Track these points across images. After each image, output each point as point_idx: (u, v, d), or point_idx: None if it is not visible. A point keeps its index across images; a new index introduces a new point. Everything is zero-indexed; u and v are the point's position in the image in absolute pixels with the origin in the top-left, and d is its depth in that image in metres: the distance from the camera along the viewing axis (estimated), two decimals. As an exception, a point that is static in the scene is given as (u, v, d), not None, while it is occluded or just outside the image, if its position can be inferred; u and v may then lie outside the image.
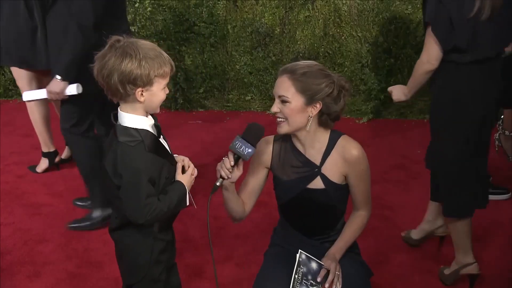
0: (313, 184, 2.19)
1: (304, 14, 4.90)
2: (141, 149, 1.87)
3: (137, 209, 1.87)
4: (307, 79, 2.07)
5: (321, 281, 2.09)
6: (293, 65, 2.12)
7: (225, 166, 2.03)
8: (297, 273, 2.06)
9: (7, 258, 3.08)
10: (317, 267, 2.13)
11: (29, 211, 3.52)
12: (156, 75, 1.86)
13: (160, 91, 1.90)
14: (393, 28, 4.79)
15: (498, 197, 3.63)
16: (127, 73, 1.81)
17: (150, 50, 1.86)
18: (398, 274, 2.94)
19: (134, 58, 1.82)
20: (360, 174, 2.19)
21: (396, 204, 3.59)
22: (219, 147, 4.29)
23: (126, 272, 2.10)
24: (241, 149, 2.01)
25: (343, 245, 2.22)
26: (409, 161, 4.15)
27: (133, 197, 1.87)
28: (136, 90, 1.85)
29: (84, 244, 3.21)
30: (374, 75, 4.84)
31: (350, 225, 2.27)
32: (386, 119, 4.93)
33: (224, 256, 3.07)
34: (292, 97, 2.07)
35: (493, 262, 3.02)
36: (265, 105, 5.09)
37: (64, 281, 2.91)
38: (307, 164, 2.19)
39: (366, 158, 2.20)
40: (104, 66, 1.84)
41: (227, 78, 5.13)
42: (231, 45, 5.05)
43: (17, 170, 4.02)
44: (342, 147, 2.18)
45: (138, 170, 1.85)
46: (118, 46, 1.84)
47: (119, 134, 1.89)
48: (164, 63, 1.87)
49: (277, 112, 2.12)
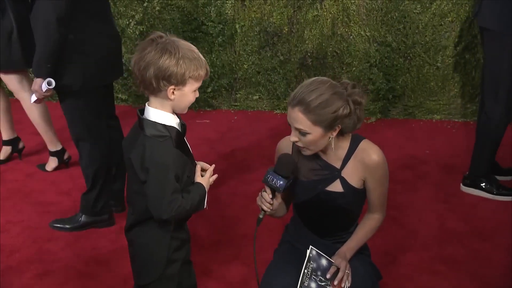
0: (332, 187, 2.18)
1: (312, 14, 4.89)
2: (169, 144, 1.90)
3: (163, 204, 1.88)
4: (322, 110, 2.00)
5: (330, 278, 2.10)
6: (304, 95, 2.01)
7: (266, 200, 2.07)
8: (307, 268, 2.06)
9: (16, 256, 3.10)
10: (327, 264, 2.13)
11: (38, 210, 3.54)
12: (191, 76, 1.88)
13: (191, 93, 1.93)
14: (402, 27, 4.77)
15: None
16: (164, 69, 1.85)
17: (189, 51, 1.89)
18: (405, 274, 2.93)
19: (173, 56, 1.85)
20: (379, 179, 2.18)
21: (404, 204, 3.58)
22: (226, 146, 4.30)
23: (141, 272, 2.09)
24: (273, 182, 2.05)
25: (355, 245, 2.22)
26: (417, 161, 4.14)
27: (159, 192, 1.88)
28: (169, 87, 1.88)
29: (92, 242, 3.22)
30: (382, 75, 4.83)
31: (363, 226, 2.27)
32: (394, 119, 4.92)
33: (231, 256, 3.08)
34: (310, 129, 2.03)
35: (501, 262, 3.02)
36: (273, 104, 5.09)
37: (72, 280, 2.92)
38: (326, 168, 2.18)
39: (386, 163, 2.18)
40: (142, 58, 1.87)
41: (235, 78, 5.13)
42: (239, 44, 5.06)
43: (26, 169, 4.04)
44: (363, 152, 2.16)
45: (166, 166, 1.87)
46: (160, 42, 1.88)
47: (146, 127, 1.91)
48: (200, 66, 1.90)
49: (296, 141, 2.10)
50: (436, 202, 3.60)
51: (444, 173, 3.94)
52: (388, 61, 4.83)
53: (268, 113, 5.06)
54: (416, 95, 4.90)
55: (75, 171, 3.98)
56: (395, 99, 4.91)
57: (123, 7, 5.02)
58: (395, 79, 4.85)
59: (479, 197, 3.63)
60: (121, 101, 5.22)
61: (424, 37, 4.76)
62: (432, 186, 3.79)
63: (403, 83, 4.88)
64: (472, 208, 3.53)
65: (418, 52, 4.81)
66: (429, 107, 4.88)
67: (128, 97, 5.22)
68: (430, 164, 4.09)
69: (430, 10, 4.71)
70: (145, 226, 2.01)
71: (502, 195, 3.61)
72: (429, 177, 3.92)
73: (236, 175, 3.88)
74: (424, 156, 4.21)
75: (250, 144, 4.35)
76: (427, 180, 3.88)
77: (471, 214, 3.46)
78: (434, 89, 4.87)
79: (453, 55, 4.75)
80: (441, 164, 4.04)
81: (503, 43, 3.30)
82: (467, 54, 4.75)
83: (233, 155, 4.14)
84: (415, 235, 3.27)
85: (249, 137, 4.47)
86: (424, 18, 4.73)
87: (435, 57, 4.80)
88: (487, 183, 3.63)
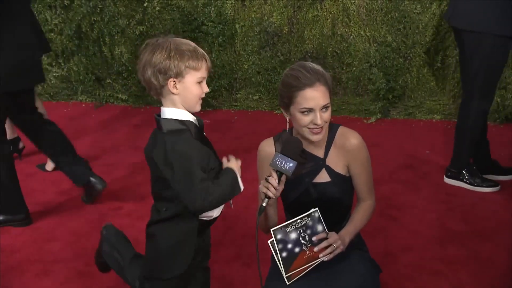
0: (319, 178, 2.20)
1: (312, 14, 4.89)
2: (189, 136, 1.92)
3: (195, 193, 1.89)
4: (330, 80, 2.14)
5: (314, 242, 2.08)
6: (315, 71, 2.12)
7: (272, 185, 2.02)
8: (301, 220, 2.05)
9: (16, 256, 3.10)
10: (321, 230, 2.11)
11: (38, 210, 3.54)
12: (188, 66, 1.90)
13: (193, 85, 1.94)
14: (402, 27, 4.78)
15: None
16: (157, 64, 1.88)
17: (183, 44, 1.93)
18: (406, 274, 2.93)
19: (165, 49, 1.89)
20: (361, 162, 2.21)
21: (405, 204, 3.58)
22: (227, 146, 4.29)
23: (161, 265, 2.08)
24: (282, 164, 2.01)
25: (353, 230, 2.22)
26: (417, 161, 4.14)
27: (188, 183, 1.89)
28: (169, 81, 1.89)
29: (93, 242, 3.21)
30: (382, 75, 4.83)
31: (358, 212, 2.29)
32: (395, 119, 4.92)
33: (232, 256, 3.08)
34: (329, 101, 2.12)
35: (502, 262, 3.01)
36: (273, 104, 5.08)
37: (73, 280, 2.92)
38: (311, 159, 2.20)
39: (365, 146, 2.22)
40: (140, 62, 1.92)
41: (235, 78, 5.13)
42: (239, 44, 5.06)
43: (26, 169, 4.04)
44: (342, 137, 2.20)
45: (189, 156, 1.88)
46: (152, 43, 1.92)
47: (164, 125, 1.93)
48: (196, 56, 1.92)
49: (325, 122, 2.12)
50: (437, 202, 3.60)
51: (444, 173, 3.94)
52: (388, 61, 4.83)
53: (268, 113, 5.06)
54: (416, 95, 4.90)
55: (75, 171, 3.98)
56: (395, 99, 4.90)
57: (123, 7, 5.02)
58: (395, 79, 4.85)
59: (479, 197, 3.64)
60: (121, 101, 5.22)
61: (424, 37, 4.76)
62: (432, 186, 3.79)
63: (403, 83, 4.88)
64: (472, 208, 3.53)
65: (418, 52, 4.81)
66: (429, 107, 4.88)
67: (128, 97, 5.22)
68: (430, 164, 4.09)
69: (430, 10, 4.71)
70: (171, 224, 2.02)
71: (482, 186, 3.70)
72: (429, 177, 3.92)
73: (237, 175, 3.88)
74: (424, 156, 4.21)
75: (250, 144, 4.34)
76: (428, 180, 3.88)
77: (472, 214, 3.46)
78: (434, 89, 4.87)
79: (453, 55, 4.75)
80: (441, 164, 4.04)
81: (476, 41, 3.42)
82: (467, 54, 4.75)
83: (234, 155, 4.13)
84: (416, 235, 3.27)
85: (249, 137, 4.47)
86: (424, 18, 4.73)
87: (435, 57, 4.80)
88: (468, 175, 3.72)
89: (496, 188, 3.69)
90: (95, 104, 5.23)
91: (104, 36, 5.10)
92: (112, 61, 5.16)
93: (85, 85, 5.24)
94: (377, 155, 4.07)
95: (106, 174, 3.97)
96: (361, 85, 4.98)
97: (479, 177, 3.73)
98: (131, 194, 3.69)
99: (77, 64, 5.21)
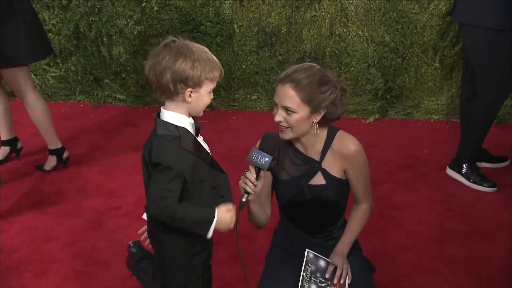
0: (314, 180, 2.20)
1: (310, 14, 4.89)
2: (176, 144, 1.91)
3: (152, 198, 1.91)
4: (312, 89, 2.06)
5: (329, 278, 2.10)
6: (295, 73, 2.08)
7: (250, 180, 2.03)
8: (305, 271, 2.06)
9: (14, 256, 3.09)
10: (325, 264, 2.13)
11: (36, 209, 3.53)
12: (207, 77, 1.91)
13: (206, 94, 1.95)
14: (400, 27, 4.78)
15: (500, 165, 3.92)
16: (180, 72, 1.87)
17: (203, 53, 1.92)
18: (405, 274, 2.93)
19: (189, 58, 1.88)
20: (359, 168, 2.20)
21: (403, 204, 3.58)
22: (225, 146, 4.29)
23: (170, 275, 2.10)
24: (258, 159, 2.02)
25: (350, 239, 2.24)
26: (416, 161, 4.14)
27: (153, 186, 1.90)
28: (186, 90, 1.90)
29: (91, 243, 3.21)
30: (380, 75, 4.83)
31: (354, 219, 2.29)
32: (393, 119, 4.92)
33: (229, 256, 3.07)
34: (297, 107, 2.07)
35: (501, 262, 3.02)
36: (271, 104, 5.08)
37: (71, 280, 2.91)
38: (307, 161, 2.20)
39: (363, 151, 2.21)
40: (157, 63, 1.89)
41: (233, 78, 5.13)
42: (237, 44, 5.05)
43: (24, 169, 4.03)
44: (340, 142, 2.19)
45: (167, 164, 1.88)
46: (173, 46, 1.91)
47: (158, 128, 1.94)
48: (215, 68, 1.93)
49: (281, 121, 2.11)
50: (436, 202, 3.60)
51: (443, 173, 3.94)
52: (386, 61, 4.83)
53: (267, 113, 5.06)
54: (414, 95, 4.91)
55: (74, 172, 3.97)
56: (393, 99, 4.91)
57: (121, 7, 5.01)
58: (393, 79, 4.85)
59: (479, 197, 3.64)
60: (120, 101, 5.21)
61: (422, 37, 4.77)
62: (431, 186, 3.80)
63: (401, 83, 4.88)
64: (471, 208, 3.53)
65: (416, 52, 4.81)
66: (427, 107, 4.88)
67: (127, 97, 5.21)
68: (429, 164, 4.09)
69: (428, 10, 4.71)
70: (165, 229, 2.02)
71: (477, 184, 3.72)
72: (428, 177, 3.92)
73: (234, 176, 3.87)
74: (423, 156, 4.21)
75: (249, 145, 4.32)
76: (427, 180, 3.88)
77: (471, 214, 3.47)
78: (433, 89, 4.87)
79: (451, 55, 4.76)
80: (440, 164, 4.04)
81: (479, 35, 3.47)
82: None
83: (232, 156, 4.13)
84: (415, 235, 3.27)
85: (247, 137, 4.46)
86: (422, 18, 4.73)
87: (433, 57, 4.81)
88: (467, 170, 3.76)
89: (493, 189, 3.69)
90: (93, 104, 5.22)
91: (102, 36, 5.09)
92: (110, 61, 5.15)
93: (83, 85, 5.23)
94: (375, 155, 4.07)
95: (104, 174, 3.97)
96: (359, 85, 4.98)
97: (479, 175, 3.74)
98: (129, 194, 3.69)
99: (75, 64, 5.20)
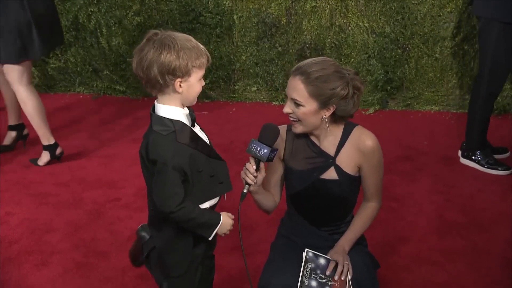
0: (326, 175, 2.18)
1: (310, 4, 4.87)
2: (171, 138, 1.90)
3: (163, 198, 1.90)
4: (322, 83, 2.04)
5: (330, 274, 2.09)
6: (307, 66, 2.07)
7: (249, 171, 2.04)
8: (305, 269, 2.06)
9: (14, 247, 3.10)
10: (325, 262, 2.12)
11: (36, 201, 3.54)
12: (194, 65, 1.89)
13: (197, 82, 1.94)
14: (400, 18, 4.76)
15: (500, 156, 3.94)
16: (167, 64, 1.85)
17: (187, 41, 1.90)
18: (404, 265, 2.94)
19: (173, 49, 1.86)
20: (374, 165, 2.18)
21: (403, 195, 3.58)
22: (225, 138, 4.29)
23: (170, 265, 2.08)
24: (257, 151, 2.02)
25: (353, 237, 2.22)
26: (415, 153, 4.14)
27: (160, 185, 1.90)
28: (175, 81, 1.88)
29: (91, 234, 3.22)
30: (380, 66, 4.82)
31: (360, 216, 2.27)
32: (393, 110, 4.91)
33: (230, 247, 3.08)
34: (305, 101, 2.06)
35: (500, 253, 3.03)
36: (271, 96, 5.07)
37: (71, 270, 2.92)
38: (321, 155, 2.18)
39: (380, 149, 2.19)
40: (143, 58, 1.88)
41: (233, 69, 5.12)
42: (237, 35, 5.04)
43: (24, 160, 4.03)
44: (357, 138, 2.16)
45: (165, 160, 1.87)
46: (156, 39, 1.89)
47: (153, 123, 1.93)
48: (201, 54, 1.91)
49: (290, 113, 2.11)
50: (435, 193, 3.61)
51: (442, 164, 3.95)
52: (387, 52, 4.82)
53: (266, 104, 5.05)
54: (414, 86, 4.90)
55: (73, 163, 3.98)
56: (393, 90, 4.90)
57: (120, -2, 5.00)
58: (393, 70, 4.84)
59: (478, 188, 3.65)
60: (120, 93, 5.20)
61: (422, 28, 4.75)
62: (431, 177, 3.80)
63: (402, 74, 4.87)
64: (470, 199, 3.54)
65: (416, 43, 4.80)
66: (427, 98, 4.87)
67: (126, 88, 5.20)
68: (428, 155, 4.09)
69: (428, 0, 4.69)
70: (164, 222, 2.01)
71: (491, 168, 3.79)
72: (428, 168, 3.92)
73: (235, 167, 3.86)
74: (422, 147, 4.21)
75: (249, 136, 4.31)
76: (426, 171, 3.88)
77: (470, 205, 3.47)
78: (433, 80, 4.86)
79: (451, 46, 4.75)
80: (439, 155, 4.04)
81: (492, 29, 3.58)
82: (466, 45, 4.74)
83: (232, 147, 4.13)
84: (414, 226, 3.28)
85: (247, 128, 4.46)
86: (423, 8, 4.71)
87: (433, 48, 4.79)
88: (480, 156, 3.83)
89: (508, 172, 3.78)
90: (92, 95, 5.21)
91: (101, 27, 5.07)
92: (109, 52, 5.13)
93: (82, 76, 5.22)
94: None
95: (104, 165, 3.97)
96: (359, 76, 4.96)
97: (492, 159, 3.82)
98: (129, 186, 3.69)
99: (75, 56, 5.19)
